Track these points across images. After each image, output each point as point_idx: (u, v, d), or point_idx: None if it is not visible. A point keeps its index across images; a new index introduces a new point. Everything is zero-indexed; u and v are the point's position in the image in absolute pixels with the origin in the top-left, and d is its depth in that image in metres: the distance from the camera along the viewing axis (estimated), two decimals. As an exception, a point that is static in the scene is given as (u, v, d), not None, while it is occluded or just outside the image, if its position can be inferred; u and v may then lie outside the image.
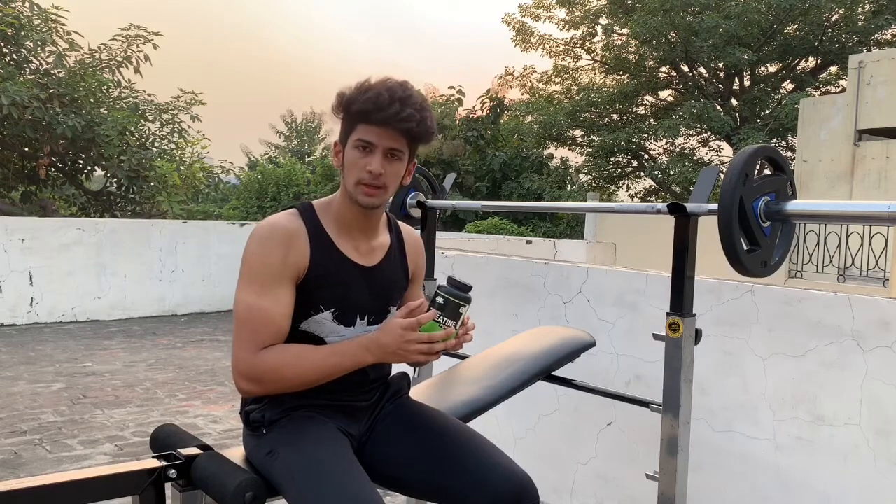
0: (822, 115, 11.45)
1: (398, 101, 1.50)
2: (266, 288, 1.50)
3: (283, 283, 1.52)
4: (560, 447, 2.89)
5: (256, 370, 1.48)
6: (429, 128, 1.55)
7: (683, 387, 1.79)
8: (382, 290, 1.66)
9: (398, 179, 1.58)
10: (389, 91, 1.50)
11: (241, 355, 1.49)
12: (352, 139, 1.55)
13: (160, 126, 11.54)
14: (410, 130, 1.52)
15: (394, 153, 1.54)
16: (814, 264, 9.93)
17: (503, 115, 19.41)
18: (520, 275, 3.08)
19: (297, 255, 1.54)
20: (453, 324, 1.49)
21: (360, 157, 1.53)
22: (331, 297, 1.57)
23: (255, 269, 1.51)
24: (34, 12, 10.42)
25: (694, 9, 16.65)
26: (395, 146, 1.53)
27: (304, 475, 1.43)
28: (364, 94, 1.51)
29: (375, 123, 1.51)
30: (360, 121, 1.53)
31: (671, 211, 1.80)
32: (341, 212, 1.60)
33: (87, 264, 8.01)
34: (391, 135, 1.52)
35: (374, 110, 1.49)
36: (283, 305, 1.52)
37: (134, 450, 3.84)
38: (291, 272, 1.53)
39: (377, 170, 1.52)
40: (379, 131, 1.51)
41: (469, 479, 1.54)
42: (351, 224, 1.61)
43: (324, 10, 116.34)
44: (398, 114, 1.49)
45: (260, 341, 1.49)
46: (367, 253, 1.64)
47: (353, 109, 1.53)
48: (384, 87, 1.51)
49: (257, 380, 1.49)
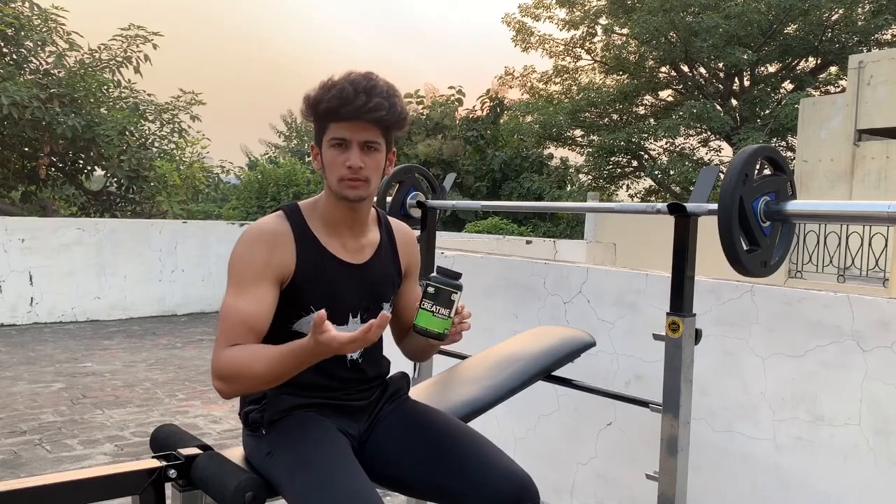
0: (822, 115, 11.45)
1: (363, 93, 1.49)
2: (245, 288, 1.50)
3: (263, 283, 1.51)
4: (560, 447, 2.89)
5: (219, 367, 1.44)
6: (399, 114, 1.54)
7: (683, 387, 1.79)
8: (373, 288, 1.65)
9: (380, 170, 1.58)
10: (353, 84, 1.50)
11: (214, 353, 1.48)
12: (326, 139, 1.55)
13: (160, 126, 11.54)
14: (381, 119, 1.51)
15: (370, 145, 1.54)
16: (814, 264, 9.93)
17: (503, 115, 19.40)
18: (520, 275, 3.08)
19: (282, 256, 1.53)
20: (447, 312, 1.49)
21: (337, 155, 1.53)
22: (321, 296, 1.57)
23: (237, 270, 1.51)
24: (34, 12, 10.42)
25: (694, 9, 16.65)
26: (370, 138, 1.53)
27: (303, 475, 1.43)
28: (328, 92, 1.51)
29: (345, 119, 1.50)
30: (329, 119, 1.53)
31: (671, 211, 1.80)
32: (327, 211, 1.60)
33: (87, 264, 8.01)
34: (363, 127, 1.51)
35: (341, 105, 1.49)
36: (261, 304, 1.50)
37: (134, 450, 3.84)
38: (274, 273, 1.52)
39: (356, 164, 1.52)
40: (350, 126, 1.51)
41: (469, 479, 1.53)
42: (338, 222, 1.61)
43: (324, 10, 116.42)
44: (365, 104, 1.49)
45: (232, 339, 1.46)
46: (355, 251, 1.63)
47: (320, 109, 1.52)
48: (347, 80, 1.51)
49: (223, 377, 1.44)
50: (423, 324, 1.49)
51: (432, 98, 20.05)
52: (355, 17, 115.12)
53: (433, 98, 20.02)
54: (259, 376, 1.42)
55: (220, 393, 1.49)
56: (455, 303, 1.50)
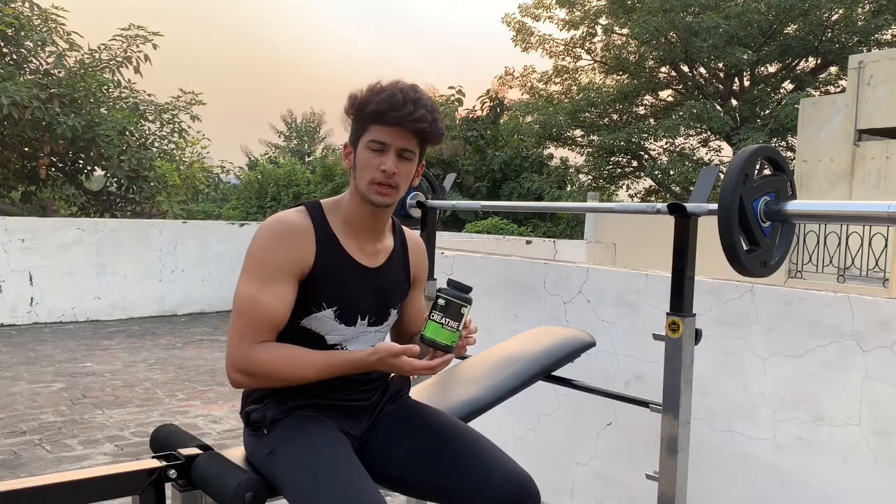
0: (822, 115, 11.45)
1: (411, 102, 1.52)
2: (268, 282, 1.51)
3: (285, 278, 1.53)
4: (560, 447, 2.89)
5: (250, 364, 1.49)
6: (439, 129, 1.58)
7: (683, 387, 1.79)
8: (384, 292, 1.67)
9: (409, 179, 1.61)
10: (402, 92, 1.53)
11: (236, 348, 1.49)
12: (364, 140, 1.56)
13: (160, 126, 11.55)
14: (423, 131, 1.55)
15: (405, 153, 1.56)
16: (814, 264, 9.92)
17: (503, 115, 19.39)
18: (520, 275, 3.08)
19: (303, 251, 1.55)
20: (456, 325, 1.50)
21: (373, 158, 1.55)
22: (333, 295, 1.58)
23: (259, 263, 1.53)
24: (34, 12, 10.43)
25: (694, 9, 16.64)
26: (408, 146, 1.56)
27: (305, 475, 1.43)
28: (377, 96, 1.53)
29: (389, 124, 1.53)
30: (373, 122, 1.55)
31: (671, 211, 1.80)
32: (350, 212, 1.62)
33: (87, 264, 8.01)
34: (404, 135, 1.54)
35: (388, 110, 1.52)
36: (283, 301, 1.52)
37: (134, 450, 3.84)
38: (296, 269, 1.54)
39: (391, 169, 1.54)
40: (392, 131, 1.54)
41: (470, 479, 1.54)
42: (359, 225, 1.62)
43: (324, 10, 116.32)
44: (411, 114, 1.52)
45: (257, 335, 1.50)
46: (371, 254, 1.65)
47: (367, 110, 1.55)
48: (397, 88, 1.54)
49: (249, 373, 1.50)
50: (431, 335, 1.50)
51: (432, 98, 20.01)
52: (355, 17, 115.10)
53: (433, 98, 19.99)
54: (297, 377, 1.53)
55: (238, 385, 1.52)
56: (465, 316, 1.52)
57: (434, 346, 1.51)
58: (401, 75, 1.59)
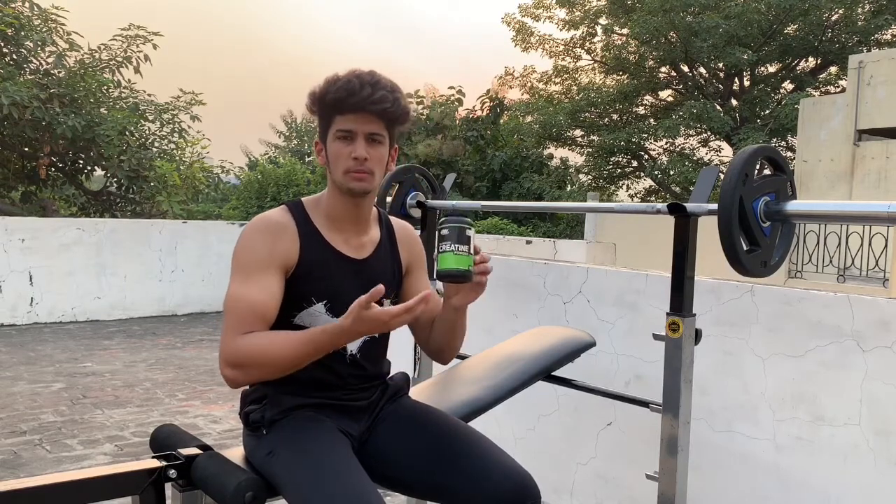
0: (822, 115, 11.45)
1: (369, 85, 1.53)
2: (251, 276, 1.51)
3: (269, 271, 1.52)
4: (560, 447, 2.89)
5: (237, 355, 1.46)
6: (403, 108, 1.58)
7: (683, 387, 1.79)
8: (373, 283, 1.64)
9: (383, 164, 1.61)
10: (359, 77, 1.54)
11: (224, 342, 1.48)
12: (331, 132, 1.57)
13: (160, 126, 11.53)
14: (386, 111, 1.54)
15: (374, 137, 1.56)
16: (814, 264, 9.93)
17: (503, 115, 19.40)
18: (520, 275, 3.08)
19: (286, 246, 1.55)
20: (466, 248, 1.50)
21: (343, 147, 1.56)
22: (322, 289, 1.58)
23: (242, 260, 1.53)
24: (34, 12, 10.42)
25: (694, 9, 16.64)
26: (375, 130, 1.56)
27: (304, 475, 1.43)
28: (334, 85, 1.54)
29: (351, 110, 1.53)
30: (336, 112, 1.55)
31: (671, 211, 1.80)
32: (331, 206, 1.62)
33: (87, 264, 8.01)
34: (368, 118, 1.54)
35: (348, 96, 1.52)
36: (269, 293, 1.52)
37: (134, 450, 3.84)
38: (279, 262, 1.54)
39: (362, 154, 1.54)
40: (356, 117, 1.54)
41: (470, 478, 1.54)
42: (341, 218, 1.62)
43: (324, 10, 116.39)
44: (370, 96, 1.52)
45: (242, 327, 1.48)
46: (357, 247, 1.65)
47: (326, 101, 1.55)
48: (353, 75, 1.55)
49: (237, 364, 1.46)
50: (446, 265, 1.48)
51: (432, 98, 20.04)
52: (355, 17, 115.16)
53: (433, 98, 20.01)
54: (279, 359, 1.45)
55: (231, 382, 1.49)
56: (472, 238, 1.51)
57: (451, 276, 1.49)
58: (401, 75, 1.61)
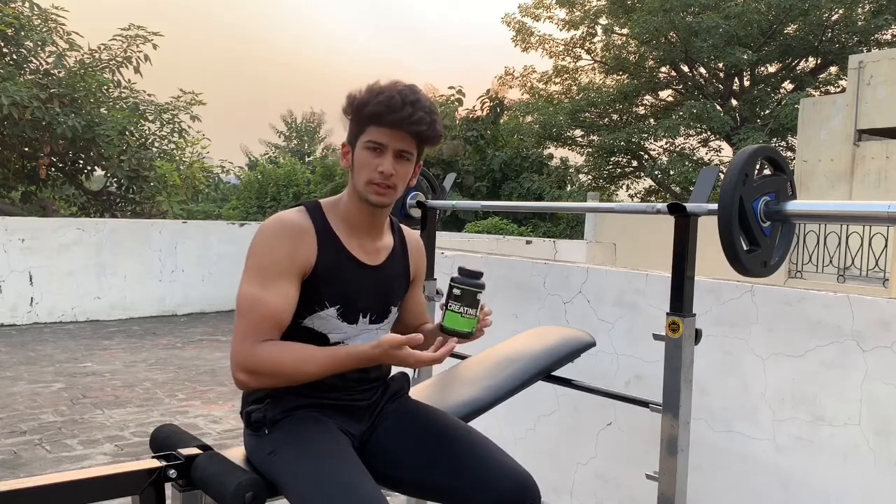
0: (822, 115, 11.45)
1: (409, 104, 1.53)
2: (271, 281, 1.51)
3: (288, 277, 1.53)
4: (560, 447, 2.89)
5: (254, 362, 1.48)
6: (437, 131, 1.59)
7: (683, 387, 1.79)
8: (386, 290, 1.68)
9: (406, 180, 1.62)
10: (401, 94, 1.53)
11: (240, 346, 1.49)
12: (362, 140, 1.57)
13: (160, 126, 11.54)
14: (420, 133, 1.55)
15: (403, 154, 1.57)
16: (814, 264, 9.93)
17: (503, 115, 19.40)
18: (520, 275, 3.08)
19: (305, 251, 1.55)
20: (474, 312, 1.53)
21: (371, 158, 1.56)
22: (336, 294, 1.59)
23: (261, 262, 1.53)
24: (34, 12, 10.42)
25: (694, 9, 16.65)
26: (406, 148, 1.56)
27: (305, 475, 1.43)
28: (376, 97, 1.54)
29: (387, 125, 1.53)
30: (371, 123, 1.55)
31: (671, 211, 1.80)
32: (349, 211, 1.62)
33: (87, 264, 8.01)
34: (402, 136, 1.55)
35: (387, 112, 1.52)
36: (286, 300, 1.53)
37: (134, 450, 3.84)
38: (298, 268, 1.54)
39: (388, 170, 1.55)
40: (390, 133, 1.54)
41: (470, 478, 1.54)
42: (359, 223, 1.63)
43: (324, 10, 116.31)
44: (410, 116, 1.52)
45: (260, 334, 1.50)
46: (372, 252, 1.66)
47: (364, 112, 1.55)
48: (395, 90, 1.54)
49: (254, 371, 1.49)
50: (451, 325, 1.52)
51: (432, 98, 20.01)
52: (355, 17, 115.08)
53: (433, 98, 19.99)
54: (298, 374, 1.50)
55: (242, 386, 1.52)
56: (480, 301, 1.55)
57: (456, 335, 1.53)
58: (401, 75, 1.60)
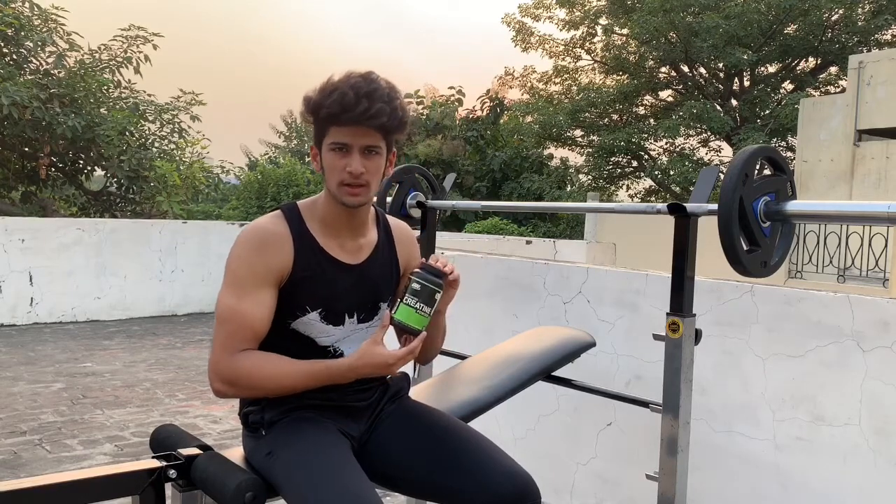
0: (822, 115, 11.45)
1: (365, 97, 1.47)
2: (247, 291, 1.51)
3: (264, 287, 1.52)
4: (560, 447, 2.89)
5: (232, 373, 1.49)
6: (401, 118, 1.53)
7: (683, 387, 1.79)
8: (370, 287, 1.65)
9: (380, 174, 1.57)
10: (354, 88, 1.47)
11: (219, 357, 1.50)
12: (326, 143, 1.53)
13: (160, 126, 11.53)
14: (383, 125, 1.50)
15: (371, 150, 1.53)
16: (814, 264, 9.93)
17: (503, 115, 19.40)
18: (520, 275, 3.08)
19: (281, 258, 1.54)
20: (429, 310, 1.50)
21: (338, 160, 1.52)
22: (316, 297, 1.57)
23: (237, 273, 1.52)
24: (34, 12, 10.42)
25: (694, 9, 16.66)
26: (371, 143, 1.52)
27: (303, 476, 1.43)
28: (329, 98, 1.48)
29: (346, 124, 1.49)
30: (330, 124, 1.51)
31: (671, 211, 1.80)
32: (326, 212, 1.60)
33: (87, 264, 8.01)
34: (364, 132, 1.50)
35: (342, 111, 1.47)
36: (263, 309, 1.52)
37: (134, 450, 3.84)
38: (274, 276, 1.53)
39: (357, 169, 1.51)
40: (351, 131, 1.50)
41: (470, 479, 1.54)
42: (337, 223, 1.60)
43: (324, 10, 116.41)
44: (367, 111, 1.47)
45: (237, 344, 1.50)
46: (353, 251, 1.63)
47: (321, 114, 1.51)
48: (348, 85, 1.48)
49: (231, 382, 1.50)
50: (403, 319, 1.49)
51: (432, 98, 20.03)
52: (355, 17, 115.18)
53: (433, 98, 20.01)
54: (276, 387, 1.51)
55: (219, 395, 1.52)
56: (437, 301, 1.51)
57: (403, 328, 1.50)
58: (401, 75, 1.60)
